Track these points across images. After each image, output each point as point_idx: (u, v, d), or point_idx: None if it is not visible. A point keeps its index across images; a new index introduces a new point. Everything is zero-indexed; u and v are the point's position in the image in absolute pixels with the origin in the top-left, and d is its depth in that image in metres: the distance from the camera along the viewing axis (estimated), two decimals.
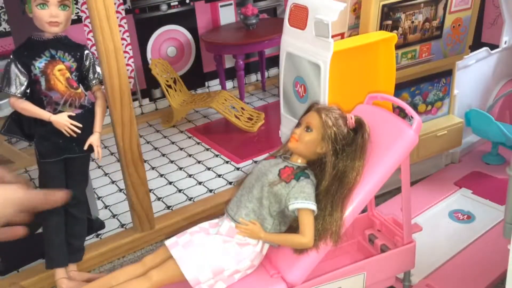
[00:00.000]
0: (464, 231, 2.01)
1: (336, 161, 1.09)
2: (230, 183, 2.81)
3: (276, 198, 1.06)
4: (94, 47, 2.35)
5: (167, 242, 1.06)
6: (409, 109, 1.28)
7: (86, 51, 1.94)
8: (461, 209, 2.11)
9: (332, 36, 1.50)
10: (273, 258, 1.18)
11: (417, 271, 1.76)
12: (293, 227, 1.13)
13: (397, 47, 1.61)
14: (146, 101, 3.83)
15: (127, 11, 3.57)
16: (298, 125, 1.13)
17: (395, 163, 1.23)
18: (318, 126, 1.09)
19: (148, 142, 3.43)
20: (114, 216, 2.60)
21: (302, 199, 1.05)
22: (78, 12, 3.26)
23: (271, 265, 1.17)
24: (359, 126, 1.15)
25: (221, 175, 2.92)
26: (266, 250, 1.13)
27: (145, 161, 2.94)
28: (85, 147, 1.93)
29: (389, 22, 1.68)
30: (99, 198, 2.76)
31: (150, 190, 2.63)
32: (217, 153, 3.19)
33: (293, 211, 1.06)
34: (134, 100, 3.70)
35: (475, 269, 1.78)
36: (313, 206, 1.04)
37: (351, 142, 1.12)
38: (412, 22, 1.71)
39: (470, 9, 1.77)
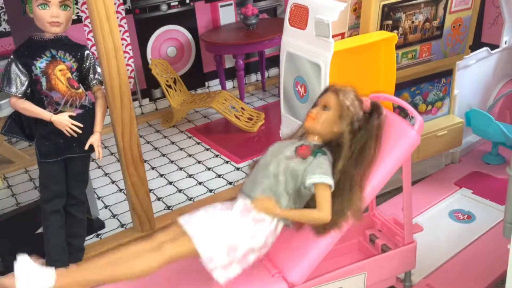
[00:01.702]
0: (464, 231, 2.01)
1: (353, 140, 1.10)
2: (230, 183, 2.81)
3: (293, 174, 1.06)
4: (94, 47, 2.35)
5: (181, 219, 1.03)
6: (411, 110, 1.28)
7: (87, 51, 1.94)
8: (461, 209, 2.11)
9: (333, 36, 1.50)
10: (274, 258, 1.17)
11: (418, 271, 1.76)
12: (309, 206, 1.12)
13: (398, 47, 1.61)
14: (146, 101, 3.83)
15: (127, 11, 3.57)
16: (314, 105, 1.14)
17: (397, 163, 1.23)
18: (335, 106, 1.10)
19: (148, 142, 3.43)
20: (114, 216, 2.60)
21: (320, 174, 1.04)
22: (78, 12, 3.26)
23: (273, 265, 1.16)
24: (374, 109, 1.15)
25: (221, 175, 2.92)
26: (280, 230, 1.11)
27: (145, 161, 2.93)
28: (86, 147, 1.93)
29: (390, 22, 1.68)
30: (99, 198, 2.76)
31: (150, 190, 2.63)
32: (217, 153, 3.19)
33: (310, 186, 1.05)
34: (134, 100, 3.70)
35: (475, 268, 1.79)
36: (330, 180, 1.04)
37: (367, 123, 1.13)
38: (413, 22, 1.71)
39: (470, 9, 1.77)
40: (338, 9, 1.52)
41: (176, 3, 3.75)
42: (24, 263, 0.67)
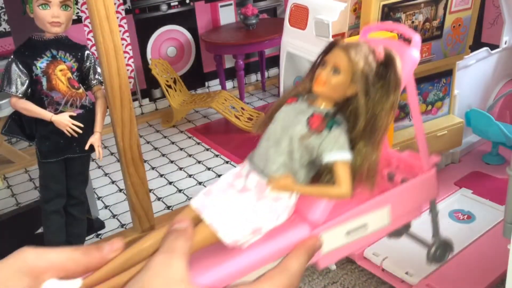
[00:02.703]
0: (464, 231, 2.01)
1: (369, 102, 0.99)
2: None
3: (307, 150, 0.98)
4: (94, 47, 2.35)
5: (195, 204, 0.96)
6: (406, 30, 1.15)
7: (87, 52, 1.94)
8: (461, 209, 2.11)
9: (333, 36, 1.50)
10: None
11: (417, 271, 1.76)
12: (321, 171, 1.04)
13: None
14: (146, 101, 3.83)
15: (127, 11, 3.57)
16: (322, 64, 0.99)
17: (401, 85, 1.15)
18: (346, 67, 0.96)
19: (148, 142, 3.43)
20: (114, 216, 2.60)
21: (337, 150, 0.97)
22: (78, 12, 3.26)
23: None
24: (389, 60, 1.02)
25: (221, 175, 2.91)
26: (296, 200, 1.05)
27: (145, 161, 2.93)
28: (86, 147, 1.93)
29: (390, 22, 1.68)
30: (99, 198, 2.76)
31: (150, 190, 2.63)
32: (217, 153, 3.20)
33: (328, 163, 0.98)
34: (134, 100, 3.70)
35: (475, 269, 1.79)
36: (348, 156, 0.97)
37: (382, 78, 1.01)
38: (412, 22, 1.71)
39: (470, 9, 1.77)
40: (338, 9, 1.52)
41: (176, 3, 3.75)
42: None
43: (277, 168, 0.98)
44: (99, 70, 1.99)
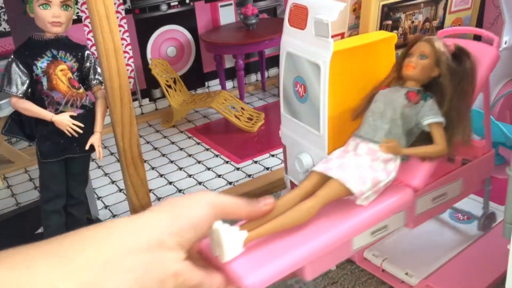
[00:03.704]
0: (464, 231, 2.01)
1: (452, 79, 1.25)
2: (230, 183, 2.81)
3: (408, 118, 1.24)
4: (94, 47, 2.35)
5: (318, 169, 1.13)
6: (486, 32, 1.40)
7: (87, 52, 1.94)
8: (461, 209, 2.11)
9: (332, 36, 1.50)
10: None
11: (417, 272, 1.76)
12: (417, 140, 1.30)
13: (397, 47, 1.60)
14: (146, 101, 3.83)
15: (127, 11, 3.57)
16: (408, 56, 1.29)
17: (481, 79, 1.39)
18: (431, 53, 1.25)
19: (148, 142, 3.43)
20: (114, 216, 2.60)
21: (433, 115, 1.23)
22: (78, 12, 3.26)
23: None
24: (460, 53, 1.29)
25: (221, 175, 2.92)
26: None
27: (145, 161, 2.93)
28: (87, 147, 1.93)
29: (389, 22, 1.68)
30: (99, 198, 2.76)
31: (150, 190, 2.63)
32: (217, 153, 3.19)
33: (425, 126, 1.24)
34: (134, 100, 3.70)
35: (475, 269, 1.78)
36: (442, 119, 1.24)
37: (459, 66, 1.27)
38: (412, 22, 1.71)
39: (470, 9, 1.77)
40: (337, 9, 1.51)
41: (176, 3, 3.75)
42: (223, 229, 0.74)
43: (385, 134, 1.22)
44: (99, 70, 1.99)
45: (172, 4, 3.74)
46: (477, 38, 1.75)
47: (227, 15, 3.97)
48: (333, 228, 1.06)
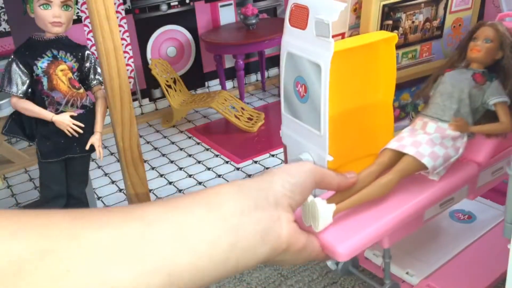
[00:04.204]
0: (465, 231, 2.01)
1: None
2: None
3: (475, 98, 1.32)
4: (94, 47, 2.35)
5: (392, 146, 1.21)
6: None
7: (87, 52, 1.94)
8: (462, 209, 2.11)
9: (333, 36, 1.50)
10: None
11: (418, 271, 1.76)
12: (482, 118, 1.37)
13: (398, 47, 1.61)
14: (146, 101, 3.83)
15: (127, 11, 3.57)
16: (473, 39, 1.37)
17: None
18: (495, 37, 1.34)
19: (148, 142, 3.43)
20: None
21: (499, 95, 1.31)
22: (78, 12, 3.26)
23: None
24: None
25: (221, 175, 2.92)
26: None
27: (145, 161, 2.93)
28: (87, 147, 1.93)
29: (390, 22, 1.68)
30: (99, 198, 2.76)
31: (150, 190, 2.63)
32: (217, 153, 3.19)
33: (491, 106, 1.32)
34: (134, 100, 3.70)
35: (476, 269, 1.78)
36: (507, 98, 1.31)
37: None
38: (413, 22, 1.71)
39: (470, 9, 1.77)
40: (338, 9, 1.52)
41: (176, 3, 3.75)
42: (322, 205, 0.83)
43: (454, 114, 1.30)
44: (99, 70, 1.99)
45: (172, 4, 3.74)
46: None
47: (227, 15, 3.97)
48: (409, 201, 1.15)
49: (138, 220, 0.41)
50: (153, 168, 3.06)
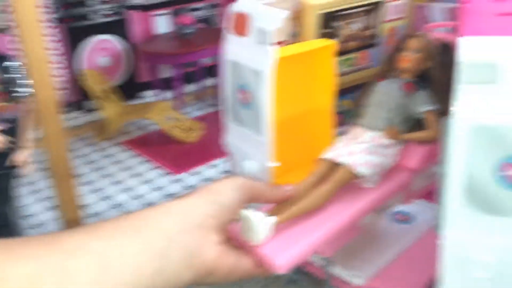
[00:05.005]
0: (406, 231, 2.07)
1: (441, 70, 1.36)
2: (169, 195, 2.73)
3: (406, 107, 1.37)
4: (20, 58, 2.21)
5: (328, 156, 1.23)
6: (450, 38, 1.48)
7: (9, 62, 1.83)
8: (401, 210, 2.18)
9: (274, 44, 1.50)
10: None
11: (362, 273, 1.79)
12: (415, 126, 1.41)
13: (337, 54, 1.63)
14: (78, 113, 3.67)
15: (59, 20, 3.41)
16: (402, 50, 1.42)
17: None
18: (423, 47, 1.40)
19: (81, 156, 3.27)
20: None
21: (427, 104, 1.37)
22: (5, 22, 3.07)
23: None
24: (445, 45, 1.39)
25: (159, 187, 2.84)
26: None
27: (77, 176, 2.79)
28: (10, 163, 1.82)
29: (329, 30, 1.71)
30: (27, 216, 2.58)
31: (84, 206, 2.51)
32: (154, 165, 3.10)
33: (420, 114, 1.37)
34: (65, 112, 3.53)
35: (417, 266, 1.84)
36: (435, 106, 1.37)
37: (445, 57, 1.35)
38: (350, 30, 1.75)
39: (404, 19, 1.84)
40: (279, 17, 1.52)
41: (109, 12, 3.63)
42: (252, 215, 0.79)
43: (387, 122, 1.35)
44: (25, 81, 1.87)
45: (105, 13, 3.62)
46: None
47: (163, 25, 3.90)
48: (347, 210, 1.18)
49: (59, 251, 0.40)
50: (86, 184, 2.92)
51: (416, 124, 1.46)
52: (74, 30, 3.52)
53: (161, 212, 0.50)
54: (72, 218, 2.13)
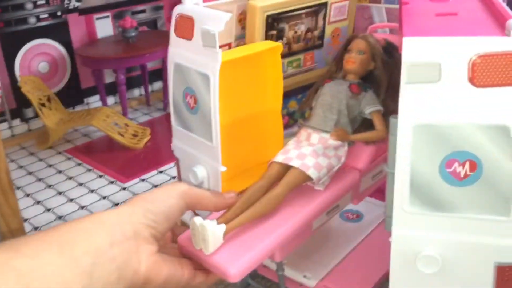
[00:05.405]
0: (355, 230, 2.11)
1: (386, 71, 1.39)
2: (116, 204, 2.65)
3: (353, 108, 1.37)
4: None
5: (278, 159, 1.22)
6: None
7: None
8: (350, 209, 2.21)
9: (220, 46, 1.48)
10: None
11: (314, 274, 1.80)
12: (360, 127, 1.42)
13: (283, 56, 1.63)
14: (17, 121, 3.49)
15: None
16: (347, 52, 1.42)
17: None
18: (367, 48, 1.39)
19: (21, 167, 3.12)
20: None
21: (373, 105, 1.36)
22: None
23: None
24: (390, 47, 1.43)
25: (105, 196, 2.74)
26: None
27: (18, 188, 2.65)
28: None
29: (274, 32, 1.71)
30: None
31: (26, 220, 2.39)
32: (100, 173, 3.00)
33: (367, 115, 1.36)
34: (2, 121, 3.36)
35: (369, 264, 1.87)
36: (380, 107, 1.37)
37: (390, 58, 1.40)
38: (295, 32, 1.76)
39: (346, 20, 1.87)
40: (223, 19, 1.50)
41: (46, 15, 3.49)
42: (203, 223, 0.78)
43: (334, 124, 1.34)
44: None
45: (41, 16, 3.47)
46: None
47: (104, 28, 3.78)
48: (298, 214, 1.18)
49: None
50: (28, 195, 2.78)
51: (362, 124, 1.46)
52: (8, 35, 3.35)
53: (93, 222, 0.48)
54: (12, 233, 2.02)
